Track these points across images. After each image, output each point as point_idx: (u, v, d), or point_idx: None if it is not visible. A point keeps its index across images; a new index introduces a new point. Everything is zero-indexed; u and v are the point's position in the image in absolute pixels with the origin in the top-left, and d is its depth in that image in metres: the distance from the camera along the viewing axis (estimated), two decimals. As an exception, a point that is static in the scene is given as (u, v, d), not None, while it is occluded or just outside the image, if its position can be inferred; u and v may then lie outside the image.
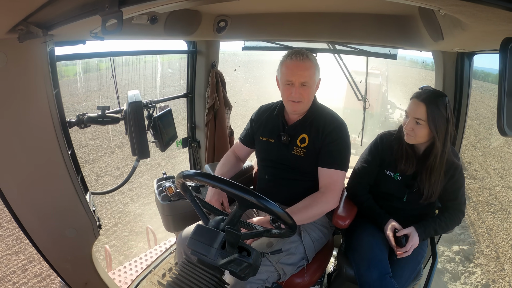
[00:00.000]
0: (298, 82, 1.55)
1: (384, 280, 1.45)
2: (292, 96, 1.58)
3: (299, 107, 1.63)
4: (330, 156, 1.60)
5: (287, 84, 1.58)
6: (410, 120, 1.52)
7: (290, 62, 1.56)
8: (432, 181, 1.55)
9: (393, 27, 1.88)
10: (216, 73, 2.64)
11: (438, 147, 1.50)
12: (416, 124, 1.51)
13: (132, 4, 0.75)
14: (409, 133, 1.54)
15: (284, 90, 1.61)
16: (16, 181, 1.22)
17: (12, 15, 0.86)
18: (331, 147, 1.61)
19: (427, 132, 1.51)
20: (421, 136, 1.53)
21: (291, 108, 1.65)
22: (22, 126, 1.15)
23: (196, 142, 2.91)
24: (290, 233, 1.17)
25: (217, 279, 1.03)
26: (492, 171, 9.50)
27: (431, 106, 1.46)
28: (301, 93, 1.57)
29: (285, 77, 1.58)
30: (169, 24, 1.90)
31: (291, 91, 1.58)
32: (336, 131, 1.62)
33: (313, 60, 1.59)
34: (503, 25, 0.88)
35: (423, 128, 1.50)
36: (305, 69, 1.55)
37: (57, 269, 1.48)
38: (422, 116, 1.48)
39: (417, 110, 1.49)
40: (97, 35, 1.20)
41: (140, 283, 2.25)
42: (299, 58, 1.55)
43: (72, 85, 12.79)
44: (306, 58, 1.56)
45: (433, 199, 1.60)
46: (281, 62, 1.62)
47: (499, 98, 0.67)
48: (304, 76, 1.55)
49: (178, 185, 1.22)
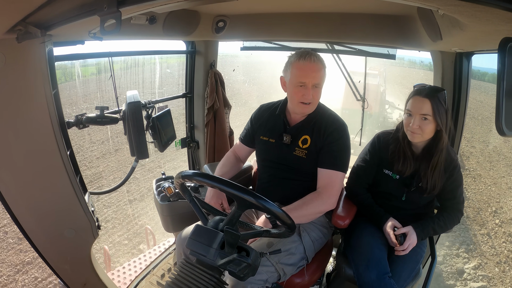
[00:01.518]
0: (311, 84, 1.54)
1: (383, 280, 1.45)
2: (304, 97, 1.56)
3: (309, 109, 1.62)
4: (330, 157, 1.60)
5: (300, 86, 1.56)
6: (416, 118, 1.51)
7: (304, 64, 1.54)
8: (435, 174, 1.56)
9: (391, 27, 1.88)
10: (215, 73, 2.64)
11: (445, 140, 1.52)
12: (423, 120, 1.50)
13: (130, 4, 0.75)
14: (415, 131, 1.52)
15: (295, 91, 1.58)
16: (14, 181, 1.21)
17: (11, 15, 0.86)
18: (331, 148, 1.61)
19: (433, 128, 1.51)
20: (428, 132, 1.52)
21: (300, 110, 1.63)
22: (21, 127, 1.14)
23: (195, 142, 2.90)
24: (289, 233, 1.16)
25: (216, 279, 1.03)
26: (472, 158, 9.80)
27: (434, 100, 1.47)
28: (313, 95, 1.56)
29: (297, 79, 1.55)
30: (167, 24, 1.90)
31: (303, 93, 1.56)
32: (337, 132, 1.62)
33: (323, 61, 1.58)
34: (501, 25, 0.88)
35: (430, 123, 1.50)
36: (318, 71, 1.54)
37: (56, 269, 1.48)
38: (428, 112, 1.48)
39: (423, 107, 1.49)
40: (95, 35, 1.20)
41: (139, 284, 2.24)
42: (312, 59, 1.53)
43: (91, 83, 12.67)
44: (318, 60, 1.55)
45: (435, 192, 1.60)
46: (291, 63, 1.59)
47: (497, 98, 0.67)
48: (317, 77, 1.54)
49: (177, 185, 1.22)
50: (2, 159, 1.16)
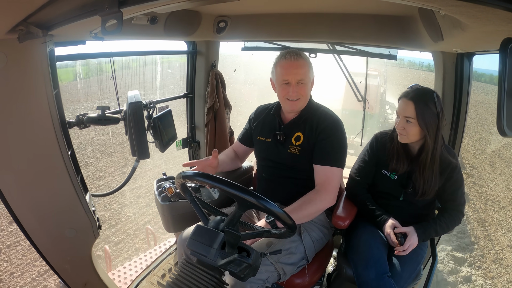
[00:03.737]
0: (294, 81, 1.59)
1: (382, 279, 1.45)
2: (289, 94, 1.61)
3: (297, 105, 1.65)
4: (324, 153, 1.61)
5: (284, 84, 1.61)
6: (400, 119, 1.56)
7: (285, 62, 1.60)
8: (426, 178, 1.56)
9: (393, 28, 1.88)
10: (215, 73, 2.64)
11: (429, 144, 1.53)
12: (407, 122, 1.53)
13: (132, 5, 0.75)
14: (401, 132, 1.57)
15: (281, 90, 1.64)
16: (15, 181, 1.21)
17: (12, 15, 0.86)
18: (324, 143, 1.61)
19: (418, 130, 1.53)
20: (412, 135, 1.55)
21: (289, 107, 1.67)
22: (22, 127, 1.15)
23: (196, 142, 2.90)
24: (289, 233, 1.16)
25: (216, 280, 1.03)
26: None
27: (419, 103, 1.49)
28: (298, 91, 1.60)
29: (281, 77, 1.61)
30: (169, 25, 1.91)
31: (288, 90, 1.61)
32: (330, 127, 1.63)
33: (306, 58, 1.63)
34: (502, 25, 0.88)
35: (414, 126, 1.52)
36: (300, 67, 1.58)
37: (57, 269, 1.48)
38: (411, 114, 1.51)
39: (406, 109, 1.52)
40: (97, 35, 1.21)
41: (139, 284, 2.24)
42: (293, 57, 1.59)
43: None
44: (300, 57, 1.60)
45: (428, 197, 1.60)
46: (275, 64, 1.66)
47: (498, 99, 0.67)
48: (300, 74, 1.58)
49: (178, 185, 1.22)
50: (3, 159, 1.16)
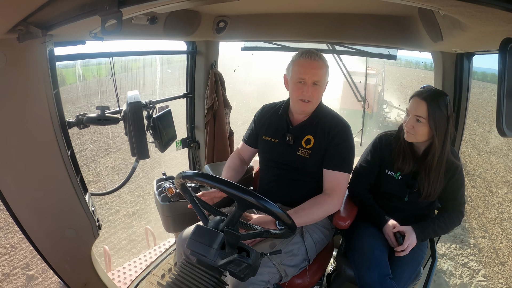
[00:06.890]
0: (310, 81, 1.55)
1: (384, 281, 1.45)
2: (303, 94, 1.57)
3: (308, 107, 1.62)
4: (336, 158, 1.60)
5: (299, 82, 1.57)
6: (410, 117, 1.53)
7: (304, 61, 1.56)
8: (431, 180, 1.56)
9: (392, 28, 1.88)
10: (215, 73, 2.64)
11: (437, 146, 1.51)
12: (417, 122, 1.52)
13: (131, 5, 0.75)
14: (409, 131, 1.55)
15: (295, 88, 1.59)
16: (15, 181, 1.21)
17: (12, 15, 0.86)
18: (337, 149, 1.60)
19: (427, 131, 1.51)
20: (420, 135, 1.53)
21: (299, 108, 1.64)
22: (22, 127, 1.14)
23: (196, 142, 2.90)
24: (289, 234, 1.16)
25: (216, 280, 1.03)
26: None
27: (432, 104, 1.47)
28: (312, 92, 1.57)
29: (297, 75, 1.57)
30: (168, 25, 1.90)
31: (302, 90, 1.57)
32: (342, 133, 1.62)
33: (325, 61, 1.60)
34: (502, 25, 0.88)
35: (423, 126, 1.51)
36: (318, 68, 1.55)
37: (57, 269, 1.48)
38: (423, 114, 1.49)
39: (418, 108, 1.50)
40: (96, 35, 1.21)
41: (139, 284, 2.24)
42: (313, 57, 1.55)
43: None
44: (319, 58, 1.57)
45: (432, 198, 1.60)
46: (293, 60, 1.61)
47: (498, 99, 0.67)
48: (317, 75, 1.55)
49: (178, 185, 1.22)
50: (3, 159, 1.16)
